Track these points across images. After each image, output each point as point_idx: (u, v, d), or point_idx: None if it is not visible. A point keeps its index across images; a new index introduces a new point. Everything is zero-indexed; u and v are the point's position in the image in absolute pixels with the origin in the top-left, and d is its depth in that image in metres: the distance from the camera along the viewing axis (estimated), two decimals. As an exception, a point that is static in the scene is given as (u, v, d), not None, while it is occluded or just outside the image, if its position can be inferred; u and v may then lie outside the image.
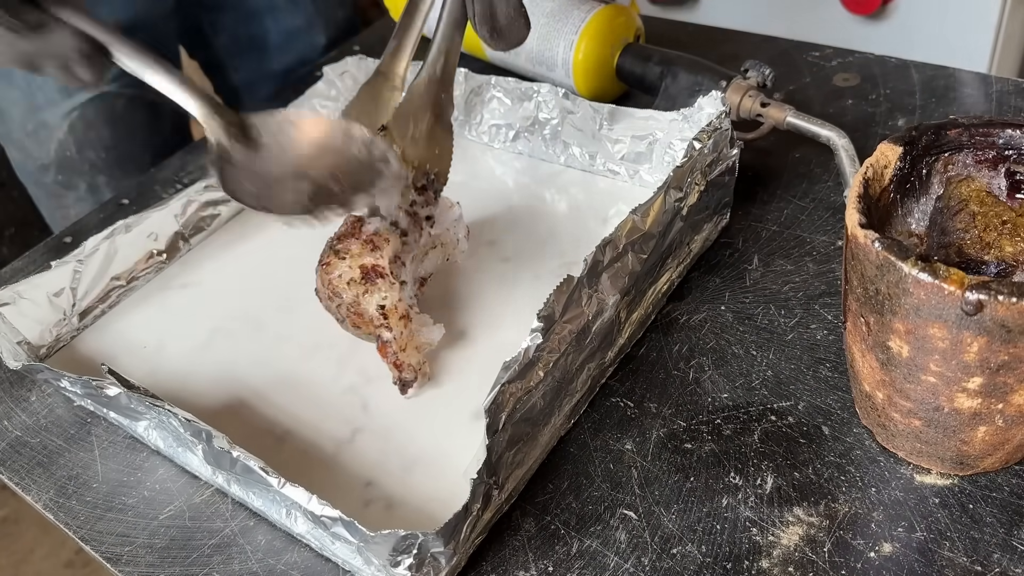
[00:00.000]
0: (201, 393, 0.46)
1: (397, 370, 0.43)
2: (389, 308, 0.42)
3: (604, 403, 0.43)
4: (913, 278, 0.30)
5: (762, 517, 0.36)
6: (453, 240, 0.50)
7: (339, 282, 0.43)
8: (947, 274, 0.30)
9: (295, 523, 0.37)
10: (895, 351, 0.33)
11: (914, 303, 0.31)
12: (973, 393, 0.32)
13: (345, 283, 0.43)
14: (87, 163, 0.76)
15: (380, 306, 0.42)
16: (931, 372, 0.33)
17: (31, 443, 0.46)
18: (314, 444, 0.42)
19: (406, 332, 0.43)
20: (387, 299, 0.42)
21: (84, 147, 0.76)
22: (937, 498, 0.36)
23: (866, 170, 0.36)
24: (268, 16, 0.83)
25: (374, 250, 0.43)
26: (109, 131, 0.76)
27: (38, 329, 0.49)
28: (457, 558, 0.35)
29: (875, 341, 0.34)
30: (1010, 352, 0.30)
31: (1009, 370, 0.31)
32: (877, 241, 0.32)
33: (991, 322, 0.29)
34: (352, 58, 0.65)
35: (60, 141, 0.75)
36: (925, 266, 0.30)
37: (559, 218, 0.54)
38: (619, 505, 0.38)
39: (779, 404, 0.41)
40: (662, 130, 0.52)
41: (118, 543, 0.40)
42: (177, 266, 0.55)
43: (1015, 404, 0.32)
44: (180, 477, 0.42)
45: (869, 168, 0.36)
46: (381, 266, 0.43)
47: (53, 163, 0.76)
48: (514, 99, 0.58)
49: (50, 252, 0.59)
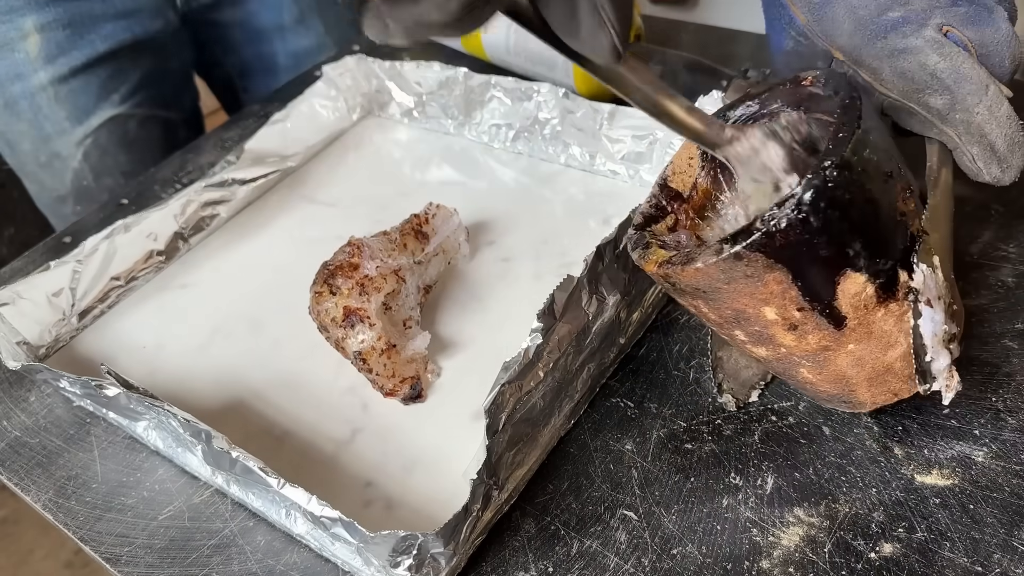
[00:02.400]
0: (200, 393, 0.46)
1: (393, 397, 0.43)
2: (366, 351, 0.43)
3: (604, 403, 0.42)
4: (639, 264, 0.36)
5: (762, 517, 0.36)
6: (455, 246, 0.50)
7: (325, 317, 0.44)
8: (651, 256, 0.35)
9: (295, 523, 0.37)
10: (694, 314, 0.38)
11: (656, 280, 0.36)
12: (750, 343, 0.35)
13: (330, 319, 0.44)
14: (106, 191, 0.74)
15: (357, 352, 0.43)
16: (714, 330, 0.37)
17: (30, 443, 0.46)
18: (314, 444, 0.42)
19: (390, 364, 0.43)
20: (364, 343, 0.43)
21: (101, 175, 0.74)
22: (937, 498, 0.36)
23: (665, 168, 0.40)
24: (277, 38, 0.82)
25: (362, 294, 0.44)
26: (125, 155, 0.75)
27: (37, 329, 0.49)
28: (457, 559, 0.35)
29: None
30: (726, 307, 0.34)
31: (745, 321, 0.34)
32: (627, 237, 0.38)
33: (687, 289, 0.34)
34: (352, 58, 0.65)
35: (76, 171, 0.73)
36: (641, 253, 0.36)
37: (559, 218, 0.54)
38: (619, 506, 0.38)
39: (779, 404, 0.41)
40: (662, 130, 0.52)
41: (117, 543, 0.40)
42: (176, 266, 0.55)
43: (791, 345, 0.34)
44: (179, 477, 0.42)
45: (669, 166, 0.40)
46: (364, 311, 0.43)
47: (70, 194, 0.75)
48: (514, 99, 0.58)
49: (49, 252, 0.59)
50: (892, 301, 0.33)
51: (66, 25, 0.69)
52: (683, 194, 0.40)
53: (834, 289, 0.32)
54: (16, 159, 0.75)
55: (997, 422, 0.38)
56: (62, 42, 0.69)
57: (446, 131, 0.63)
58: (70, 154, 0.73)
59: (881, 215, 0.32)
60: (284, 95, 0.70)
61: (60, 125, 0.72)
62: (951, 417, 0.39)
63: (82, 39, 0.70)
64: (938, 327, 0.33)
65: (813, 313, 0.32)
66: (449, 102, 0.62)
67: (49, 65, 0.69)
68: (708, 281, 0.33)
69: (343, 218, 0.57)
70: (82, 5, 0.69)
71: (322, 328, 0.45)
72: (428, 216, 0.50)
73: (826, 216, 0.30)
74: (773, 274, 0.31)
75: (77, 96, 0.71)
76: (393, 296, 0.45)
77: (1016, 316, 0.42)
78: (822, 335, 0.33)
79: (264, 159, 0.60)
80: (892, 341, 0.34)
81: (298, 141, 0.63)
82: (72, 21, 0.69)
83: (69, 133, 0.72)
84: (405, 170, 0.61)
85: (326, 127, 0.64)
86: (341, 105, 0.65)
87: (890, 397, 0.36)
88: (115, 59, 0.72)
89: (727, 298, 0.33)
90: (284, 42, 0.83)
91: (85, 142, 0.72)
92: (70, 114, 0.71)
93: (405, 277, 0.45)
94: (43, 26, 0.68)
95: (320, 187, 0.60)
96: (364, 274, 0.44)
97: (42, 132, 0.72)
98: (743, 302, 0.33)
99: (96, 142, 0.73)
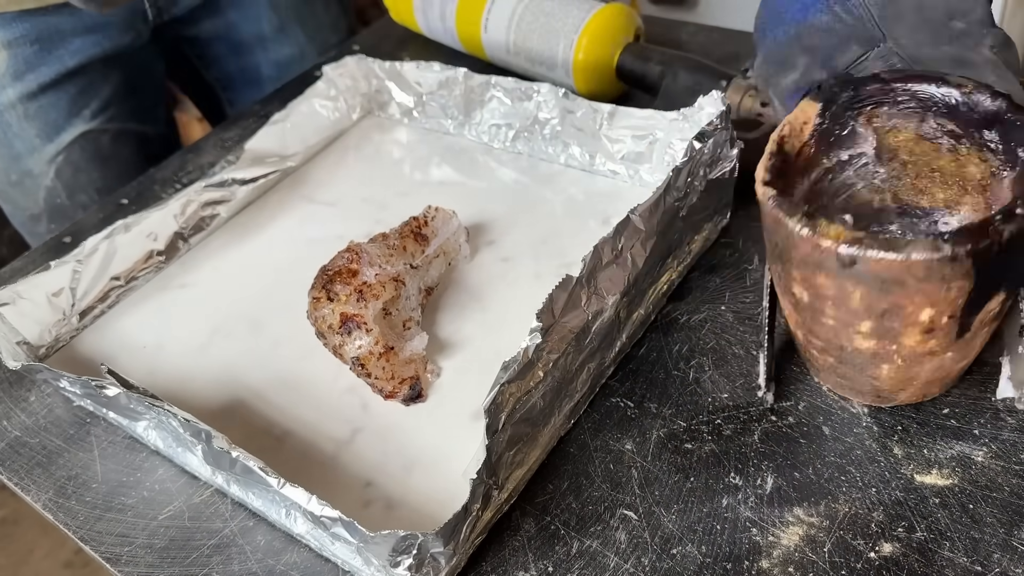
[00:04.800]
0: (200, 393, 0.46)
1: (393, 399, 0.43)
2: (364, 356, 0.43)
3: (604, 403, 0.42)
4: (796, 233, 0.33)
5: (762, 517, 0.36)
6: (455, 248, 0.50)
7: (322, 323, 0.44)
8: (826, 230, 0.32)
9: (295, 523, 0.37)
10: (799, 296, 0.36)
11: (801, 255, 0.34)
12: (867, 335, 0.35)
13: (327, 326, 0.44)
14: (80, 208, 0.72)
15: (355, 358, 0.43)
16: (828, 316, 0.35)
17: (30, 443, 0.46)
18: (314, 444, 0.42)
19: (388, 366, 0.43)
20: (361, 349, 0.43)
21: (75, 192, 0.72)
22: (937, 498, 0.36)
23: (783, 127, 0.38)
24: (258, 48, 0.81)
25: (360, 300, 0.44)
26: (99, 171, 0.73)
27: (37, 329, 0.49)
28: (457, 558, 0.35)
29: (784, 288, 0.37)
30: (888, 300, 0.32)
31: (893, 316, 0.33)
32: (772, 199, 0.34)
33: (866, 274, 0.32)
34: (352, 58, 0.65)
35: (48, 189, 0.71)
36: (807, 222, 0.33)
37: (559, 218, 0.54)
38: (619, 505, 0.38)
39: (779, 404, 0.41)
40: (662, 130, 0.52)
41: (117, 543, 0.40)
42: (176, 266, 0.55)
43: (907, 345, 0.34)
44: (180, 477, 0.42)
45: (786, 125, 0.38)
46: (361, 317, 0.43)
47: (44, 212, 0.73)
48: (514, 99, 0.58)
49: (49, 252, 0.59)
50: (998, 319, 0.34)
51: (33, 41, 0.67)
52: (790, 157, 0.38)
53: (985, 304, 0.33)
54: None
55: (997, 422, 0.38)
56: (30, 58, 0.67)
57: (446, 131, 0.63)
58: (42, 172, 0.71)
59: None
60: (284, 95, 0.70)
61: (31, 143, 0.70)
62: (951, 417, 0.39)
63: (50, 55, 0.68)
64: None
65: (956, 321, 0.33)
66: (449, 102, 0.62)
67: (17, 82, 0.68)
68: (900, 274, 0.31)
69: (343, 218, 0.57)
70: (49, 20, 0.67)
71: (320, 334, 0.45)
72: (427, 219, 0.50)
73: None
74: (963, 281, 0.31)
75: (47, 112, 0.69)
76: (393, 302, 0.45)
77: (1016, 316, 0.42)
78: (943, 342, 0.34)
79: (264, 159, 0.60)
80: (970, 353, 0.35)
81: (298, 141, 0.63)
82: (40, 36, 0.67)
83: (40, 150, 0.70)
84: (405, 170, 0.61)
85: (326, 127, 0.64)
86: (341, 105, 0.65)
87: (921, 397, 0.38)
88: (85, 74, 0.70)
89: (899, 292, 0.32)
90: (266, 52, 0.81)
91: (57, 159, 0.71)
92: (40, 131, 0.70)
93: (405, 281, 0.46)
94: (10, 42, 0.67)
95: (320, 187, 0.60)
96: (363, 281, 0.44)
97: (12, 150, 0.70)
98: (915, 300, 0.32)
99: (68, 159, 0.71)
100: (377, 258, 0.45)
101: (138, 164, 0.74)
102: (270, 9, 0.79)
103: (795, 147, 0.38)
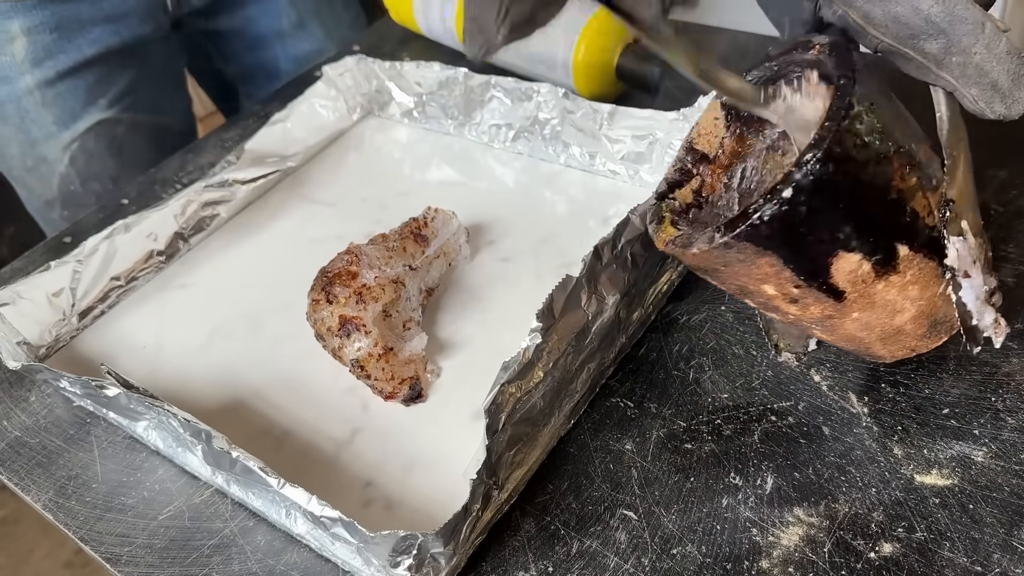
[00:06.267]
0: (200, 393, 0.46)
1: (393, 400, 0.43)
2: (363, 358, 0.43)
3: (604, 403, 0.43)
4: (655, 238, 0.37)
5: (762, 517, 0.36)
6: (455, 248, 0.50)
7: (321, 325, 0.44)
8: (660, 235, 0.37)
9: (295, 523, 0.37)
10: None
11: None
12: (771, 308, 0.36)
13: (326, 328, 0.44)
14: (93, 196, 0.74)
15: (354, 360, 0.43)
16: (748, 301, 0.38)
17: (31, 443, 0.46)
18: (314, 444, 0.42)
19: (388, 367, 0.43)
20: (360, 351, 0.43)
21: (88, 180, 0.73)
22: (937, 498, 0.36)
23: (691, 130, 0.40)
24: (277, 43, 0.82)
25: (359, 303, 0.44)
26: (114, 160, 0.74)
27: (37, 329, 0.49)
28: (457, 558, 0.35)
29: None
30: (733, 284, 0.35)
31: (753, 294, 0.35)
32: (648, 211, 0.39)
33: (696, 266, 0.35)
34: (352, 58, 0.65)
35: (62, 175, 0.73)
36: (655, 228, 0.38)
37: (559, 218, 0.54)
38: (619, 505, 0.38)
39: (779, 404, 0.41)
40: (662, 130, 0.52)
41: (117, 543, 0.40)
42: (176, 266, 0.55)
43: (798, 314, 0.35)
44: (180, 477, 0.42)
45: (695, 128, 0.40)
46: (360, 319, 0.43)
47: (58, 199, 0.74)
48: (514, 99, 0.58)
49: (49, 252, 0.59)
50: (892, 274, 0.33)
51: (53, 29, 0.68)
52: (709, 155, 0.40)
53: (828, 268, 0.32)
54: (4, 163, 0.74)
55: (997, 422, 0.38)
56: (49, 45, 0.68)
57: (446, 131, 0.63)
58: (57, 158, 0.72)
59: (873, 198, 0.31)
60: (284, 95, 0.70)
61: (47, 129, 0.71)
62: (951, 417, 0.39)
63: (69, 43, 0.69)
64: (979, 290, 0.33)
65: (810, 289, 0.33)
66: (449, 102, 0.62)
67: (36, 68, 0.69)
68: (707, 263, 0.34)
69: (343, 218, 0.57)
70: (69, 8, 0.68)
71: (319, 336, 0.45)
72: (427, 220, 0.50)
73: (810, 207, 0.30)
74: (765, 258, 0.32)
75: (64, 100, 0.70)
76: (393, 304, 0.45)
77: (1016, 316, 0.42)
78: (823, 306, 0.34)
79: (264, 159, 0.60)
80: (898, 308, 0.34)
81: (298, 141, 0.63)
82: (59, 25, 0.68)
83: (56, 137, 0.71)
84: (405, 170, 0.61)
85: (326, 127, 0.64)
86: (341, 105, 0.65)
87: (908, 352, 0.37)
88: (103, 63, 0.71)
89: (728, 276, 0.34)
90: (285, 47, 0.82)
91: (72, 146, 0.72)
92: (57, 118, 0.71)
93: (405, 283, 0.45)
94: (30, 29, 0.67)
95: (320, 187, 0.60)
96: (362, 283, 0.44)
97: (29, 136, 0.71)
98: (743, 280, 0.34)
99: (83, 147, 0.72)
100: (377, 260, 0.45)
101: (153, 155, 0.75)
102: (289, 5, 0.80)
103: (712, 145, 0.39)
